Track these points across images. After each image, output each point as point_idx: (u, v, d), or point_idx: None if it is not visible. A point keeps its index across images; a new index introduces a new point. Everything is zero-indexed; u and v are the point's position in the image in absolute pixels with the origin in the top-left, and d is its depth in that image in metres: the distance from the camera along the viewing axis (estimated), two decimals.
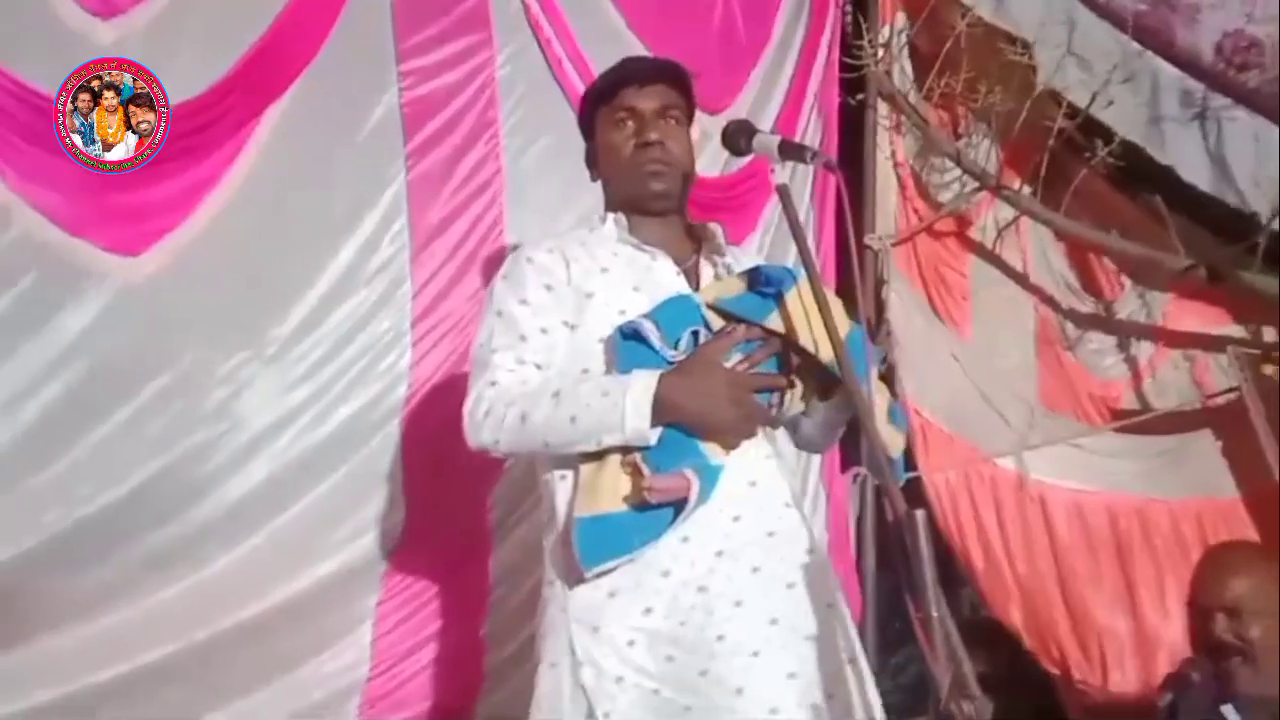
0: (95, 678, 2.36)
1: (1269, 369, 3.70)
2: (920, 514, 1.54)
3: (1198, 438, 3.83)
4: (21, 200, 2.30)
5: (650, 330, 1.85)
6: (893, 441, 1.94)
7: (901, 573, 1.53)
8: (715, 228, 2.11)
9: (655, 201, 2.03)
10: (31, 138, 2.29)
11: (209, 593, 2.50)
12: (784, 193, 1.90)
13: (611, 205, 2.08)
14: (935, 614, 1.52)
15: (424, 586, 2.75)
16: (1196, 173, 3.63)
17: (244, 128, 2.57)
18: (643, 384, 1.79)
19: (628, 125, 2.03)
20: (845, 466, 3.62)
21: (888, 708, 1.88)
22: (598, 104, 2.07)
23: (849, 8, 3.90)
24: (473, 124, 2.90)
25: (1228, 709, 2.59)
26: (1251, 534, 3.70)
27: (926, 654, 1.51)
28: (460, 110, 2.89)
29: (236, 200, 2.56)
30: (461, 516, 2.81)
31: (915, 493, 3.50)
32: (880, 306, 3.70)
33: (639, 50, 3.05)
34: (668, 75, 2.06)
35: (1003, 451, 3.70)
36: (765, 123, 3.55)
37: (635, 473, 1.79)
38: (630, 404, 1.77)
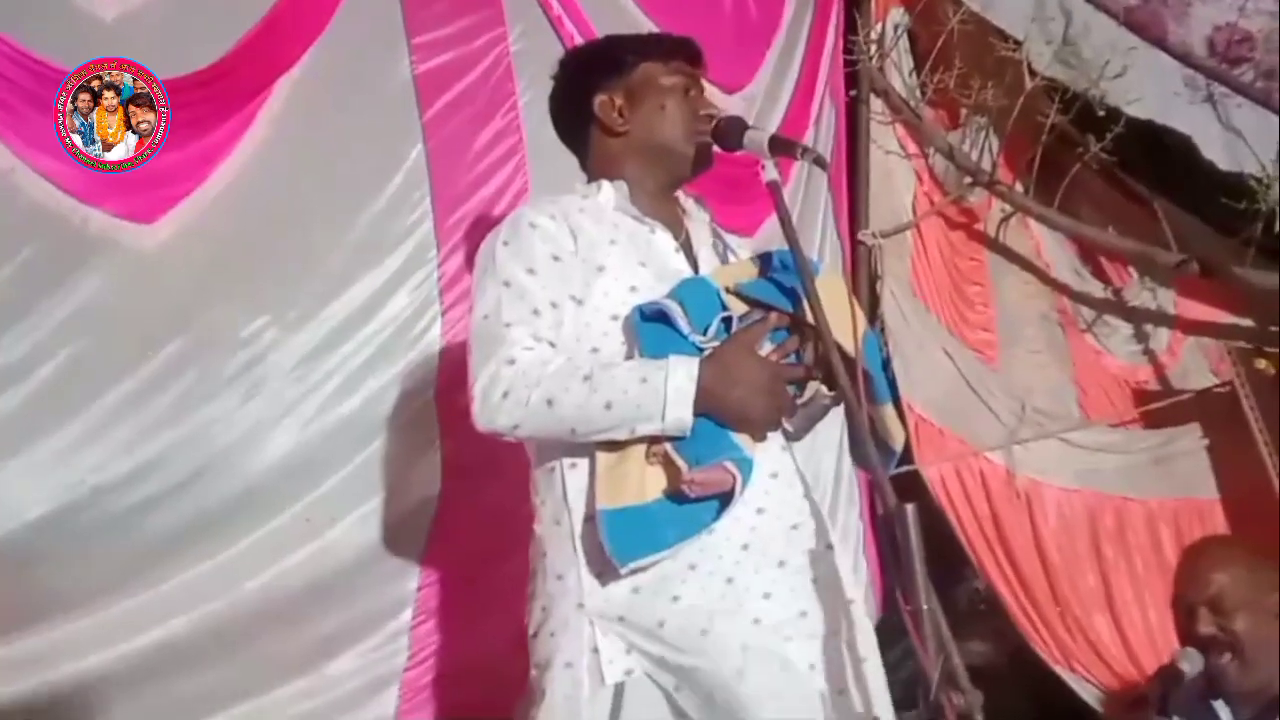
0: (111, 658, 2.31)
1: (1262, 363, 3.72)
2: (910, 507, 1.54)
3: (1184, 433, 3.85)
4: (28, 167, 2.26)
5: (677, 313, 1.78)
6: (898, 434, 1.95)
7: (891, 566, 1.53)
8: (699, 200, 2.06)
9: (697, 170, 1.97)
10: (36, 105, 2.26)
11: (234, 571, 2.44)
12: (775, 188, 1.87)
13: (620, 167, 1.97)
14: (925, 607, 1.53)
15: (464, 571, 2.67)
16: (1212, 148, 3.62)
17: (255, 98, 2.54)
18: (685, 371, 1.71)
19: (689, 91, 1.97)
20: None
21: None
22: (648, 57, 1.98)
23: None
24: (490, 95, 2.86)
25: (1218, 703, 2.61)
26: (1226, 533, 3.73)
27: (917, 647, 1.52)
28: (476, 82, 2.85)
29: (250, 169, 2.53)
30: (503, 496, 2.60)
31: (911, 485, 3.51)
32: (874, 301, 3.70)
33: (650, 29, 3.01)
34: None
35: (992, 446, 3.71)
36: (781, 104, 3.56)
37: (666, 463, 1.73)
38: (673, 391, 1.69)
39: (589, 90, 1.99)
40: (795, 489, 1.85)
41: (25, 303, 2.27)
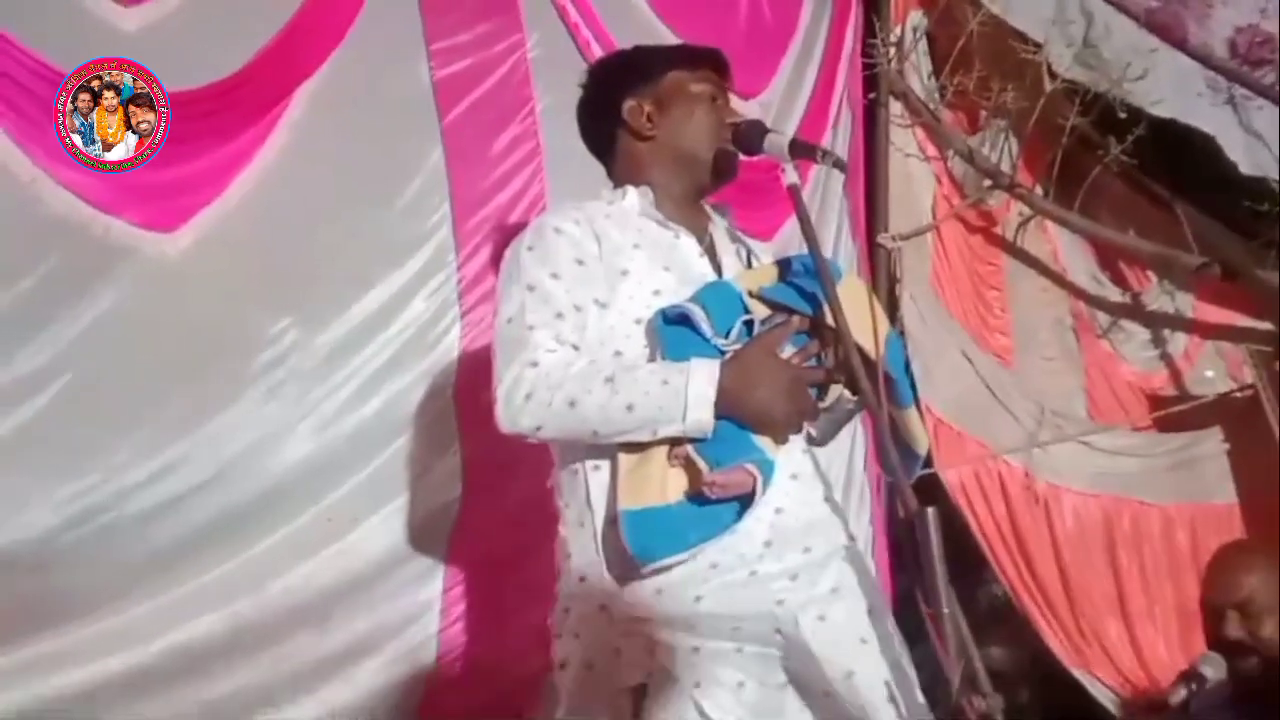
0: (132, 660, 2.29)
1: None
2: (931, 511, 1.54)
3: (1206, 437, 3.83)
4: (50, 178, 2.27)
5: (700, 316, 1.79)
6: (922, 438, 1.95)
7: (911, 570, 1.53)
8: (722, 208, 2.08)
9: (720, 178, 1.99)
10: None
11: (255, 572, 2.44)
12: (795, 192, 1.88)
13: (647, 172, 1.99)
14: (946, 610, 1.53)
15: (488, 572, 2.67)
16: (1234, 151, 3.61)
17: (276, 106, 2.56)
18: (706, 374, 1.72)
19: (715, 100, 1.99)
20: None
21: None
22: (676, 66, 2.01)
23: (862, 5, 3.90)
24: (508, 101, 2.88)
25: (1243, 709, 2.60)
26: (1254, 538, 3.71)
27: (938, 650, 1.52)
28: (494, 88, 2.87)
29: (270, 175, 2.53)
30: (524, 497, 2.59)
31: (929, 488, 3.50)
32: (893, 304, 3.70)
33: (666, 35, 3.04)
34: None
35: (1012, 449, 3.71)
36: (798, 109, 3.57)
37: (688, 465, 1.74)
38: (694, 394, 1.71)
39: (618, 96, 2.01)
40: (816, 491, 1.86)
41: (48, 312, 2.27)
